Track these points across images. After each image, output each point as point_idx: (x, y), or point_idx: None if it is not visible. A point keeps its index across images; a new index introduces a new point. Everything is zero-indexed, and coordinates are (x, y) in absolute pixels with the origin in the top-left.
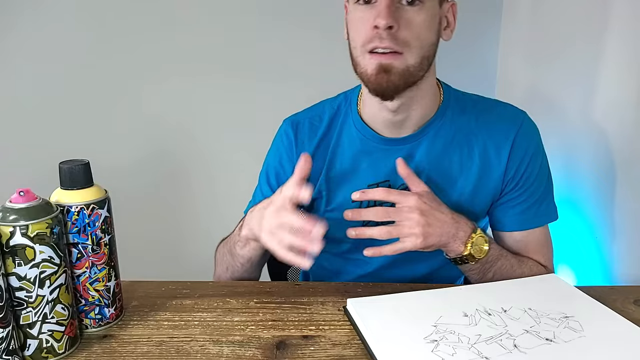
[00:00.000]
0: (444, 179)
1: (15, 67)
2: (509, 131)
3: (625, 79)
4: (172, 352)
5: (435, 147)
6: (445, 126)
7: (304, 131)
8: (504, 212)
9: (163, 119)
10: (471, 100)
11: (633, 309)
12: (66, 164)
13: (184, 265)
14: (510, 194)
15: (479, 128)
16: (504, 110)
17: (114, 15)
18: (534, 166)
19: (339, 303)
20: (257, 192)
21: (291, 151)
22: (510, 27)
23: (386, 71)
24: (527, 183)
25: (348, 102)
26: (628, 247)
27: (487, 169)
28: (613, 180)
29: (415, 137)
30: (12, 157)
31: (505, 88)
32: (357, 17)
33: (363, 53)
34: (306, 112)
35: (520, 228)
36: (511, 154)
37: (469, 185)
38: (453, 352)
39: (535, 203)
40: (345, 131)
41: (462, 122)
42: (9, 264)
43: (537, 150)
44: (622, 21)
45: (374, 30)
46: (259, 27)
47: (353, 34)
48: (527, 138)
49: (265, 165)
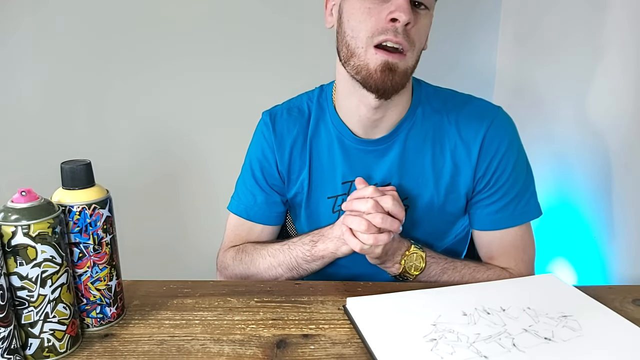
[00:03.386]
0: (417, 180)
1: (16, 67)
2: (479, 129)
3: (625, 79)
4: (173, 350)
5: (407, 149)
6: (416, 126)
7: (282, 122)
8: (478, 212)
9: (164, 119)
10: (443, 97)
11: (632, 308)
12: (68, 164)
13: (185, 264)
14: (482, 193)
15: (450, 125)
16: (477, 107)
17: (114, 15)
18: (507, 164)
19: (339, 302)
20: (240, 185)
21: (271, 140)
22: (509, 27)
23: (392, 70)
24: (499, 182)
25: (324, 95)
26: (626, 246)
27: (458, 168)
28: (611, 180)
29: (388, 138)
30: (14, 157)
31: (503, 88)
32: (362, 6)
33: (368, 46)
34: (284, 104)
35: (493, 227)
36: (481, 152)
37: (441, 185)
38: (452, 351)
39: (511, 202)
40: (322, 125)
41: (433, 120)
42: (11, 264)
43: (510, 148)
44: (621, 22)
45: (390, 23)
46: (259, 28)
47: (355, 24)
48: (498, 136)
49: (247, 158)
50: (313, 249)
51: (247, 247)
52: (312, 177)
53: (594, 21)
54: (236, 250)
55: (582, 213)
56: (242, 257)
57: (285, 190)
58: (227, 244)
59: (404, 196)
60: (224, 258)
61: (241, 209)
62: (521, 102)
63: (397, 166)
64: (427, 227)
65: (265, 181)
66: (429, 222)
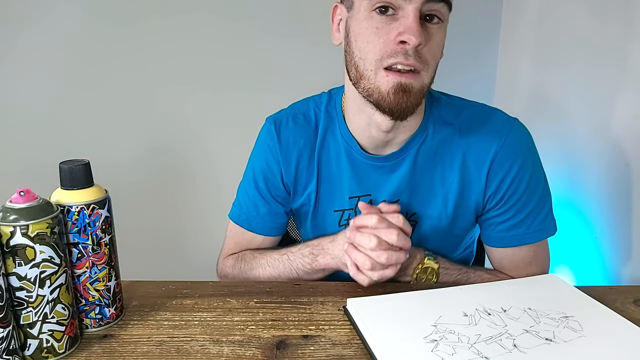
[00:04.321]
0: (426, 195)
1: (16, 67)
2: (490, 146)
3: (624, 79)
4: (172, 351)
5: (418, 165)
6: (427, 141)
7: (288, 131)
8: (490, 228)
9: (164, 119)
10: (456, 108)
11: (633, 308)
12: (66, 164)
13: (184, 265)
14: (493, 210)
15: (461, 140)
16: (491, 120)
17: (114, 15)
18: (520, 182)
19: (339, 303)
20: (241, 193)
21: (276, 151)
22: (510, 28)
23: (405, 91)
24: (511, 200)
25: (333, 104)
26: (628, 247)
27: (468, 183)
28: (613, 180)
29: (398, 154)
30: (12, 157)
31: (504, 90)
32: (371, 26)
33: (377, 68)
34: (289, 110)
35: (505, 245)
36: (491, 170)
37: (450, 200)
38: (453, 351)
39: (525, 220)
40: (330, 136)
41: (444, 134)
42: (10, 264)
43: (524, 166)
44: (624, 23)
45: (399, 45)
46: (260, 28)
47: (363, 45)
48: (511, 154)
49: (250, 166)
50: (314, 263)
51: (245, 255)
52: (319, 190)
53: (596, 21)
54: (235, 258)
55: (583, 213)
56: (241, 267)
57: (290, 201)
58: (226, 251)
59: (412, 212)
60: (224, 266)
61: (243, 218)
62: (520, 104)
63: (406, 182)
64: (436, 242)
65: (269, 193)
66: (437, 238)
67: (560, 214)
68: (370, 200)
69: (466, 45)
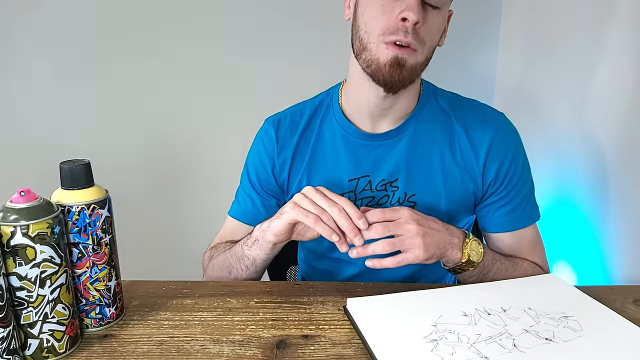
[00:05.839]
0: (424, 176)
1: (16, 67)
2: (485, 132)
3: (624, 79)
4: (173, 351)
5: (416, 143)
6: (425, 122)
7: (285, 128)
8: (492, 214)
9: (164, 119)
10: (449, 98)
11: (632, 308)
12: (67, 164)
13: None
14: (495, 195)
15: (459, 126)
16: (482, 111)
17: (115, 15)
18: (516, 167)
19: (339, 303)
20: (239, 191)
21: (272, 148)
22: (509, 28)
23: (400, 65)
24: (510, 184)
25: (330, 97)
26: (627, 246)
27: (466, 168)
28: (612, 180)
29: (395, 132)
30: (12, 157)
31: (503, 89)
32: (377, 3)
33: (379, 42)
34: (287, 110)
35: (510, 229)
36: (488, 157)
37: (448, 184)
38: (453, 351)
39: (522, 203)
40: (326, 125)
41: (442, 118)
42: (10, 264)
43: (518, 152)
44: (622, 24)
45: (400, 22)
46: (261, 28)
47: (368, 20)
48: (505, 141)
49: (245, 164)
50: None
51: (218, 245)
52: (311, 178)
53: (596, 22)
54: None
55: (582, 213)
56: (212, 254)
57: (282, 196)
58: (212, 243)
59: (411, 193)
60: (203, 258)
61: (239, 212)
62: (521, 103)
63: (404, 161)
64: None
65: (260, 185)
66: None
67: (561, 214)
68: (370, 182)
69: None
